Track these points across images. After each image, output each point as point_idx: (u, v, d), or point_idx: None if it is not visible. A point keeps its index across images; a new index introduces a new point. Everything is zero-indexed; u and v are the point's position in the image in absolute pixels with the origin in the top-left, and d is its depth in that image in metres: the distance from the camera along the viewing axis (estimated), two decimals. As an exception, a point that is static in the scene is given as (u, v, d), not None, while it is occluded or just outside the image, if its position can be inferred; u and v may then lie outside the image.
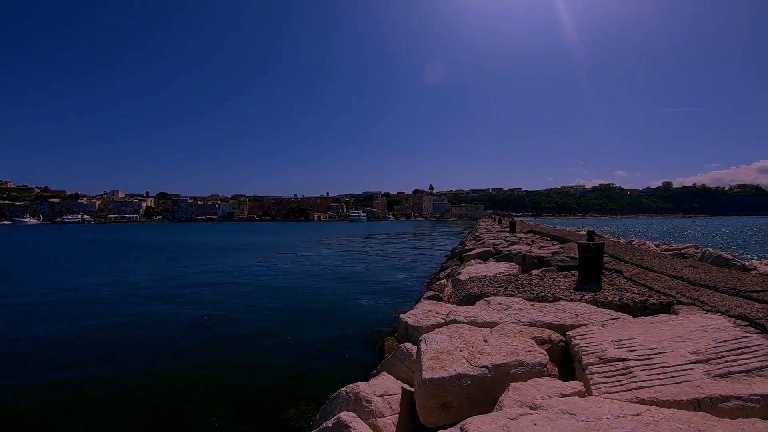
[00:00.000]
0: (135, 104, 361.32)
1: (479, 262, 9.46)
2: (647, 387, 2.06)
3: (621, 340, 2.62)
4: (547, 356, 2.59)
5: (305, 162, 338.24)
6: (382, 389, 2.77)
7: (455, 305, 4.35)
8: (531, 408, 1.83)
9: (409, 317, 4.09)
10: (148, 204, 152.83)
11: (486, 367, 2.35)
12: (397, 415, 2.57)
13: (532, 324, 3.28)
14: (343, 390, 2.83)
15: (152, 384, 5.23)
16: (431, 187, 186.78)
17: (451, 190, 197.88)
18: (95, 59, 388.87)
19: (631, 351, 2.45)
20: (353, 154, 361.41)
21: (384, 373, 3.22)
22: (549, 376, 2.45)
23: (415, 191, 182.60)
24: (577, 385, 2.22)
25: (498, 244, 12.68)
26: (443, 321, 3.65)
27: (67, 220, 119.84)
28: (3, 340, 7.28)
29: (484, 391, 2.27)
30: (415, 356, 3.01)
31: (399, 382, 2.98)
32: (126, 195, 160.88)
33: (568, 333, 2.97)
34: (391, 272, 15.83)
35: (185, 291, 12.01)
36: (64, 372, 5.70)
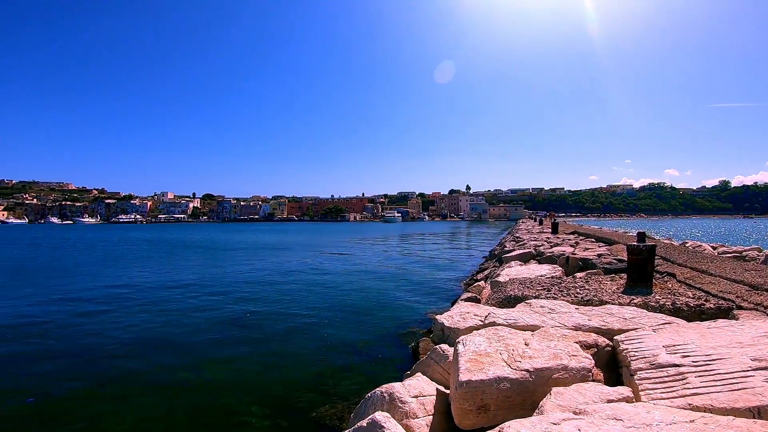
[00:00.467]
0: (182, 111, 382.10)
1: (519, 264, 9.22)
2: (702, 393, 1.92)
3: (674, 346, 2.46)
4: (593, 361, 2.46)
5: (342, 163, 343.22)
6: (417, 390, 2.75)
7: (494, 307, 4.26)
8: (574, 413, 1.73)
9: (445, 318, 4.03)
10: (195, 205, 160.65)
11: (527, 370, 2.28)
12: (431, 416, 2.54)
13: (576, 328, 3.14)
14: (377, 390, 2.84)
15: (196, 377, 5.46)
16: (468, 187, 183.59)
17: (488, 190, 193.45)
18: (148, 70, 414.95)
19: (685, 356, 2.29)
20: (388, 154, 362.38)
21: (418, 374, 3.20)
22: (594, 381, 2.33)
23: (451, 191, 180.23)
24: (624, 391, 2.10)
25: (539, 246, 12.32)
26: (481, 323, 3.58)
27: (121, 220, 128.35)
28: (62, 331, 7.89)
29: (524, 395, 2.21)
30: (451, 358, 3.00)
31: (434, 383, 2.95)
32: (174, 196, 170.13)
33: (615, 338, 2.82)
34: (425, 273, 15.71)
35: (229, 288, 12.53)
36: (115, 361, 6.09)
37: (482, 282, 9.88)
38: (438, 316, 4.22)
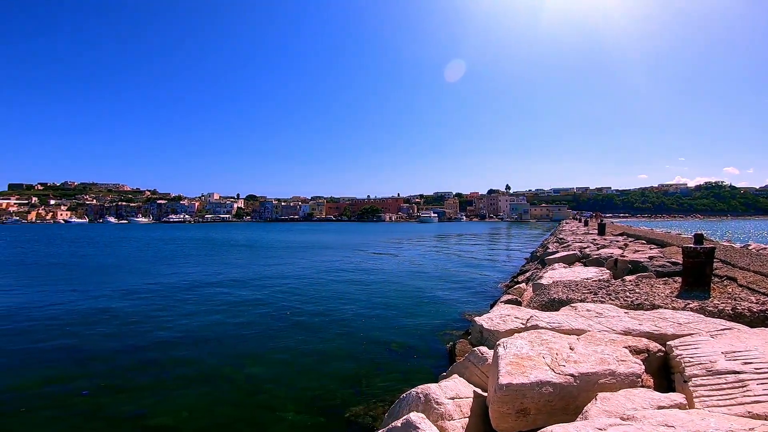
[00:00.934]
0: (227, 113, 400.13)
1: (564, 266, 8.96)
2: (764, 402, 1.78)
3: (734, 352, 2.29)
4: (642, 366, 2.34)
5: (378, 164, 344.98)
6: (453, 392, 2.74)
7: (536, 310, 4.17)
8: (622, 419, 1.65)
9: (484, 320, 3.99)
10: (239, 205, 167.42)
11: (571, 375, 2.21)
12: (467, 419, 2.52)
13: (626, 332, 3.01)
14: (413, 390, 2.84)
15: (238, 372, 5.67)
16: (508, 187, 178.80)
17: (529, 190, 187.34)
18: (193, 78, 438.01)
19: (746, 363, 2.13)
20: (424, 155, 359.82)
21: (455, 376, 3.18)
22: (643, 387, 2.21)
23: (490, 191, 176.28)
24: (677, 397, 1.99)
25: (585, 248, 11.92)
26: (522, 326, 3.52)
27: (171, 220, 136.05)
28: (116, 325, 8.48)
29: (567, 399, 2.14)
30: (490, 360, 2.96)
31: (471, 386, 2.92)
32: (220, 197, 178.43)
33: (669, 343, 2.67)
34: (462, 273, 15.50)
35: (270, 286, 12.98)
36: (163, 355, 6.41)
37: (523, 284, 9.66)
38: (477, 318, 4.17)
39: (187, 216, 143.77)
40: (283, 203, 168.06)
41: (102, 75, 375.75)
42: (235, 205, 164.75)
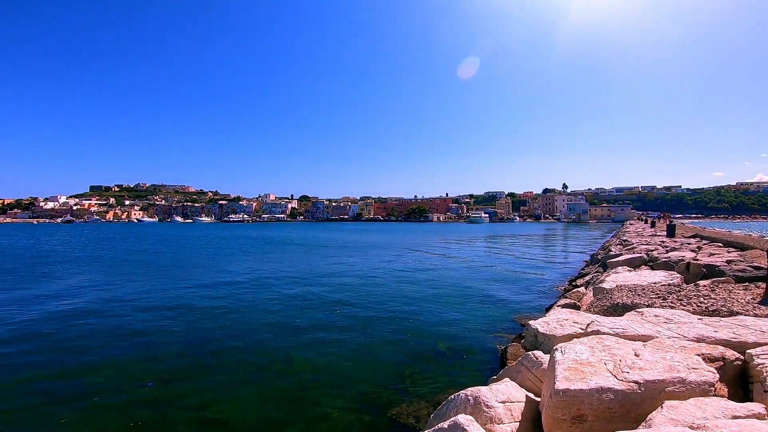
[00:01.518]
0: (285, 117, 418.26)
1: (628, 270, 8.48)
2: None
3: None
4: (717, 375, 2.16)
5: (425, 164, 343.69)
6: (505, 396, 2.70)
7: (598, 315, 4.05)
8: (691, 428, 1.54)
9: (540, 324, 3.90)
10: (293, 205, 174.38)
11: (636, 382, 2.12)
12: (518, 423, 2.48)
13: (699, 340, 2.83)
14: (462, 393, 2.82)
15: (289, 367, 5.89)
16: (565, 186, 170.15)
17: (589, 189, 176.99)
18: (254, 84, 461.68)
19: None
20: (473, 153, 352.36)
21: (506, 379, 3.13)
22: (716, 396, 2.04)
23: (545, 190, 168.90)
24: (755, 407, 1.82)
25: (652, 250, 11.19)
26: (582, 331, 3.44)
27: (231, 219, 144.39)
28: (177, 318, 9.15)
29: (628, 406, 2.06)
30: (545, 365, 2.90)
31: (523, 390, 2.88)
32: (275, 197, 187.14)
33: (749, 351, 2.46)
34: (515, 275, 15.02)
35: (323, 283, 13.43)
36: (222, 348, 6.78)
37: (582, 288, 9.24)
38: (531, 322, 4.09)
39: (245, 216, 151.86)
40: (333, 203, 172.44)
41: (171, 86, 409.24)
42: (289, 206, 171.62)
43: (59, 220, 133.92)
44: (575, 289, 9.37)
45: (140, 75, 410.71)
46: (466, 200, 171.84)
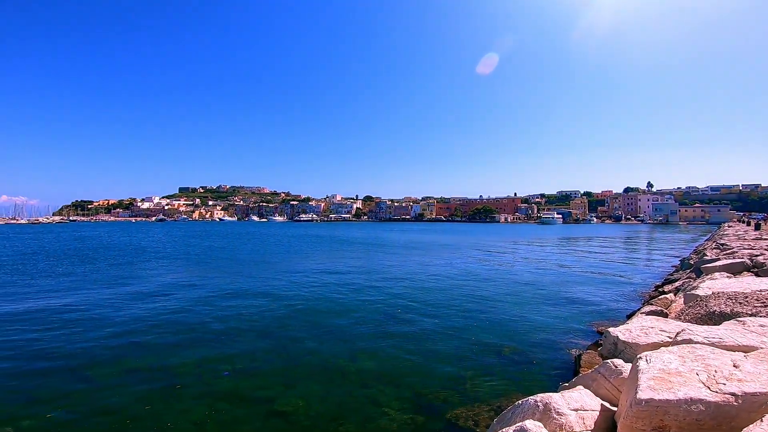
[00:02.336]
0: (349, 118, 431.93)
1: (727, 276, 7.52)
2: None
3: None
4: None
5: (491, 162, 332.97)
6: (578, 403, 2.57)
7: (689, 323, 3.71)
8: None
9: (620, 332, 3.66)
10: (357, 206, 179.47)
11: (732, 394, 1.93)
12: None
13: None
14: (530, 398, 2.72)
15: (350, 365, 5.98)
16: (650, 184, 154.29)
17: (678, 188, 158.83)
18: (321, 89, 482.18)
19: None
20: (544, 151, 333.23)
21: (580, 387, 2.95)
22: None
23: (627, 189, 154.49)
24: None
25: (757, 255, 9.90)
26: (670, 340, 3.16)
27: (302, 219, 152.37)
28: (252, 312, 9.73)
29: (720, 419, 1.89)
30: (624, 374, 2.76)
31: (598, 398, 2.70)
32: (342, 198, 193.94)
33: None
34: (591, 281, 13.92)
35: (386, 283, 13.64)
36: (292, 343, 7.09)
37: (670, 295, 8.36)
38: (611, 329, 3.82)
39: (314, 215, 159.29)
40: (395, 204, 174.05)
41: (250, 92, 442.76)
42: (354, 206, 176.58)
43: (153, 218, 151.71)
44: (662, 296, 8.50)
45: (227, 82, 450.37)
46: (537, 200, 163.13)
